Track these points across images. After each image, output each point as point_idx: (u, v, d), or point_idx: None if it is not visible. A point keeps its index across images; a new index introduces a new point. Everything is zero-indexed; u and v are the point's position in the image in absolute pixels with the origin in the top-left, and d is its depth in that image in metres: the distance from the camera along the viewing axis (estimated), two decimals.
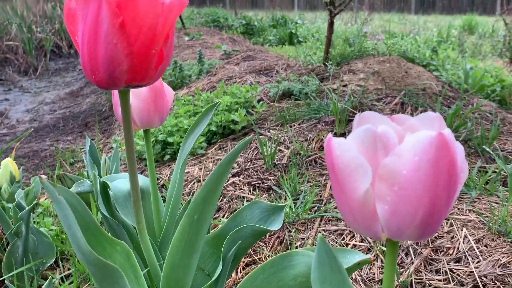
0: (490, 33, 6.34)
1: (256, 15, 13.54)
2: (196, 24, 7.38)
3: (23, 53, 6.27)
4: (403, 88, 1.86)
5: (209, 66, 3.16)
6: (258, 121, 1.73)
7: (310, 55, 2.40)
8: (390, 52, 2.27)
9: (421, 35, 6.83)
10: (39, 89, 5.04)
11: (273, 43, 5.98)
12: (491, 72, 3.38)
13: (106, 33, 0.39)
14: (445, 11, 19.30)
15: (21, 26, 5.85)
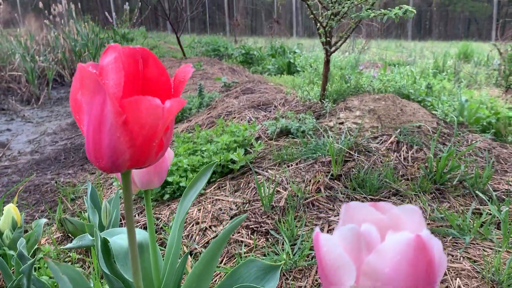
0: (485, 61, 6.44)
1: (256, 42, 13.78)
2: (196, 53, 7.51)
3: (26, 82, 6.37)
4: (398, 126, 1.89)
5: (209, 99, 3.21)
6: (256, 160, 1.76)
7: (308, 90, 2.45)
8: (386, 88, 2.32)
9: (418, 63, 6.95)
10: (41, 119, 5.10)
11: (272, 72, 6.07)
12: (487, 103, 3.43)
13: (110, 127, 0.42)
14: (442, 38, 19.64)
15: (24, 56, 5.95)
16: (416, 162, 1.67)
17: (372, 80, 2.38)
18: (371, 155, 1.60)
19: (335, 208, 1.32)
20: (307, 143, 1.72)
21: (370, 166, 1.52)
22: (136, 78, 0.49)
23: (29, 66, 6.01)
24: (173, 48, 8.76)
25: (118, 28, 12.00)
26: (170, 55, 7.13)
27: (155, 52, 7.37)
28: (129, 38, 9.56)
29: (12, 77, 6.67)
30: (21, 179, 2.96)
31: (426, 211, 1.30)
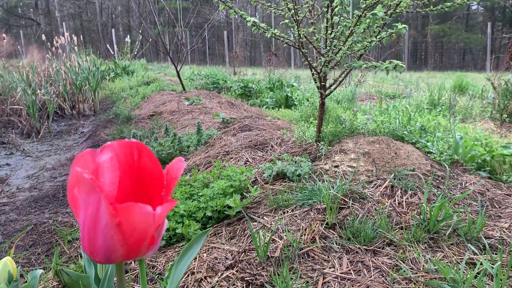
0: (480, 94, 6.54)
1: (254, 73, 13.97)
2: (196, 86, 7.62)
3: (27, 116, 6.44)
4: (392, 170, 1.92)
5: (207, 137, 3.25)
6: (252, 205, 1.77)
7: (303, 131, 2.49)
8: (380, 130, 2.36)
9: (414, 96, 7.05)
10: (41, 153, 5.13)
11: (269, 106, 6.14)
12: (481, 139, 3.47)
13: (105, 226, 0.44)
14: (437, 68, 19.96)
15: (26, 90, 6.03)
16: (410, 207, 1.69)
17: (366, 122, 2.42)
18: (365, 202, 1.62)
19: (330, 259, 1.33)
20: (303, 188, 1.75)
21: (365, 214, 1.53)
22: (132, 168, 0.52)
23: (31, 100, 6.09)
24: (173, 81, 8.89)
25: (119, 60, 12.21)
26: (170, 88, 7.23)
27: (156, 85, 7.48)
28: (130, 71, 9.72)
29: (13, 110, 6.75)
30: (18, 217, 2.97)
31: (420, 263, 1.31)
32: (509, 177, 2.72)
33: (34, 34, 30.39)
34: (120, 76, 9.27)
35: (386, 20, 2.02)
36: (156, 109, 5.58)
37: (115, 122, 5.53)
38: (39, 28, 30.56)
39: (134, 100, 6.73)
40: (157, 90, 7.18)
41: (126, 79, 8.26)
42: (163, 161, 3.02)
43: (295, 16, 1.94)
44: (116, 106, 6.78)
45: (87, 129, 6.29)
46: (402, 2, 2.08)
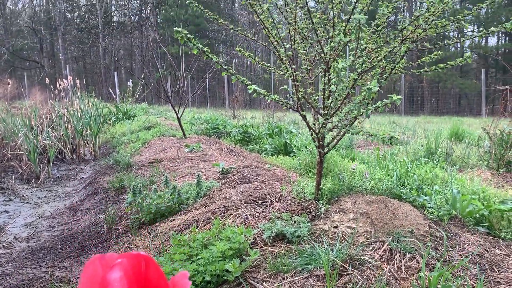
0: (476, 142, 6.62)
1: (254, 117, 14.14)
2: (196, 131, 7.71)
3: (27, 160, 6.47)
4: (391, 231, 1.93)
5: (207, 189, 3.28)
6: (252, 269, 1.78)
7: (302, 186, 2.52)
8: (378, 188, 2.40)
9: (411, 143, 7.14)
10: (40, 199, 5.13)
11: (269, 152, 6.20)
12: (479, 193, 3.50)
13: None
14: (434, 112, 20.26)
15: (28, 135, 6.10)
16: (409, 272, 1.69)
17: (364, 181, 2.46)
18: (365, 268, 1.63)
19: None
20: (302, 252, 1.76)
21: (364, 282, 1.54)
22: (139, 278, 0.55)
23: (32, 146, 6.15)
24: (173, 125, 9.00)
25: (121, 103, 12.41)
26: (170, 134, 7.31)
27: (156, 130, 7.57)
28: (131, 115, 9.86)
29: (13, 155, 6.80)
30: (15, 271, 2.93)
31: None
32: (508, 234, 2.72)
33: (37, 76, 31.00)
34: (122, 120, 9.40)
35: (382, 83, 2.10)
36: (156, 156, 5.63)
37: (115, 168, 5.56)
38: (42, 70, 31.20)
39: (135, 145, 6.79)
40: (158, 136, 7.26)
41: (127, 124, 8.37)
42: (162, 213, 3.03)
43: (294, 82, 2.02)
44: (116, 151, 6.84)
45: (87, 174, 6.31)
46: (397, 65, 2.17)
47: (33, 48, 34.20)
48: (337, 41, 1.75)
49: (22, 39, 31.65)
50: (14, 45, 30.23)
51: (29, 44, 32.71)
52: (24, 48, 33.55)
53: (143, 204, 3.04)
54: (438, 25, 2.15)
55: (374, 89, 1.50)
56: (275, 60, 2.61)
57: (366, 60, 1.95)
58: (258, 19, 1.92)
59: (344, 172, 4.36)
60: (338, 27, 2.05)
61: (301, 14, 2.17)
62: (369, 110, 1.65)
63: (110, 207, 3.79)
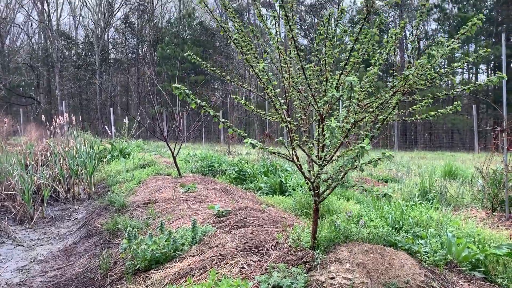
0: (470, 180, 6.67)
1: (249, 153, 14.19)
2: (191, 169, 7.72)
3: (21, 201, 6.42)
4: (387, 282, 1.94)
5: (202, 234, 3.27)
6: None
7: (299, 234, 2.53)
8: (374, 236, 2.41)
9: (405, 181, 7.18)
10: (33, 241, 5.06)
11: (264, 191, 6.21)
12: (474, 235, 3.51)
13: None
14: (427, 148, 20.46)
15: (22, 176, 6.09)
16: None
17: (360, 228, 2.48)
18: None
19: None
20: None
21: None
22: None
23: (26, 186, 6.12)
24: (169, 163, 9.02)
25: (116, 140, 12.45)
26: (165, 172, 7.32)
27: (151, 169, 7.58)
28: (127, 153, 9.89)
29: (7, 195, 6.75)
30: None
31: None
32: (504, 280, 2.72)
33: (33, 112, 31.14)
34: (117, 158, 9.41)
35: (375, 133, 2.16)
36: (151, 196, 5.62)
37: (110, 209, 5.53)
38: (38, 106, 31.38)
39: (130, 185, 6.78)
40: (153, 174, 7.27)
41: (123, 162, 8.38)
42: (157, 260, 3.01)
43: (289, 132, 2.08)
44: (111, 191, 6.82)
45: (81, 215, 6.26)
46: (390, 116, 2.24)
47: (29, 85, 34.53)
48: (330, 96, 1.82)
49: (19, 75, 32.00)
50: (11, 81, 30.52)
51: (26, 81, 33.04)
52: (21, 84, 33.88)
53: (138, 250, 3.02)
54: (428, 76, 2.23)
55: (367, 148, 1.56)
56: (270, 105, 2.68)
57: (358, 111, 2.02)
58: (255, 73, 2.00)
59: (340, 213, 4.37)
60: (331, 80, 2.13)
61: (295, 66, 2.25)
62: (363, 165, 1.70)
63: (105, 252, 3.76)
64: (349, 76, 2.11)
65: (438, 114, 2.64)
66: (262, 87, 2.44)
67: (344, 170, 1.89)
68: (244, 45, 2.26)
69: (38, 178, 7.09)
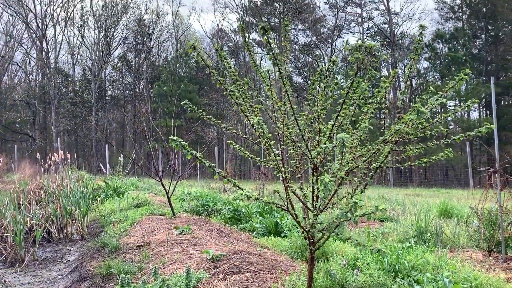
0: (465, 219, 6.66)
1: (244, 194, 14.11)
2: (185, 209, 7.67)
3: (12, 242, 6.31)
4: None
5: (196, 281, 3.23)
6: None
7: (294, 280, 2.50)
8: (370, 284, 2.40)
9: (401, 221, 7.16)
10: (23, 286, 4.95)
11: (259, 232, 6.16)
12: (471, 280, 3.49)
13: None
14: (422, 184, 20.49)
15: (15, 219, 6.02)
16: None
17: (356, 277, 2.46)
18: None
19: None
20: None
21: None
22: None
23: (19, 228, 6.04)
24: (163, 201, 8.96)
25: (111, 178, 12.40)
26: (159, 212, 7.26)
27: (145, 209, 7.53)
28: (121, 192, 9.83)
29: None
30: None
31: None
32: None
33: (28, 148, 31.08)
34: (111, 197, 9.35)
35: (369, 182, 2.19)
36: (145, 238, 5.55)
37: (103, 252, 5.45)
38: (33, 142, 31.36)
39: (123, 225, 6.71)
40: (147, 214, 7.20)
41: (117, 201, 8.32)
42: None
43: (284, 181, 2.10)
44: (105, 231, 6.73)
45: (73, 257, 6.15)
46: (383, 163, 2.28)
47: (25, 121, 34.64)
48: (323, 148, 1.86)
49: (15, 112, 32.14)
50: (7, 118, 30.62)
51: (22, 118, 33.16)
52: (17, 121, 33.97)
53: None
54: (419, 126, 2.29)
55: (359, 203, 1.58)
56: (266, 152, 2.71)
57: (351, 161, 2.05)
58: (251, 125, 2.05)
59: (336, 255, 4.32)
60: (324, 130, 2.17)
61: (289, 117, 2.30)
62: (357, 217, 1.72)
63: None
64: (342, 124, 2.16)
65: (430, 161, 2.69)
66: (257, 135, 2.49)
67: (338, 222, 1.90)
68: (239, 95, 2.32)
69: (30, 218, 7.01)
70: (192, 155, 1.90)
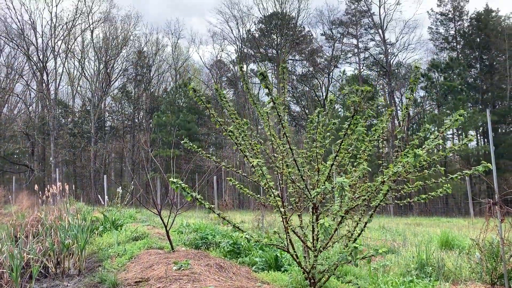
0: (467, 251, 6.60)
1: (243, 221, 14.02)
2: (184, 242, 7.60)
3: (9, 278, 6.21)
4: None
5: None
6: None
7: None
8: None
9: (402, 253, 7.08)
10: None
11: (259, 266, 6.09)
12: None
13: None
14: (423, 213, 20.38)
15: (12, 255, 5.95)
16: None
17: None
18: None
19: None
20: None
21: None
22: None
23: (15, 264, 5.95)
24: (161, 234, 8.88)
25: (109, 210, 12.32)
26: (158, 245, 7.19)
27: (144, 242, 7.46)
28: (119, 224, 9.74)
29: None
30: None
31: None
32: None
33: (26, 179, 30.96)
34: (109, 230, 9.27)
35: (369, 221, 2.19)
36: (143, 274, 5.47)
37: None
38: (32, 173, 31.28)
39: (121, 260, 6.63)
40: (145, 248, 7.13)
41: (115, 234, 8.25)
42: None
43: (284, 222, 2.11)
44: (102, 266, 6.64)
45: None
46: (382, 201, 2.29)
47: (24, 152, 34.66)
48: (322, 189, 1.88)
49: (14, 143, 32.21)
50: (6, 149, 30.65)
51: (21, 149, 33.20)
52: (15, 152, 33.99)
53: None
54: (416, 165, 2.31)
55: (360, 248, 1.59)
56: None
57: (349, 200, 2.06)
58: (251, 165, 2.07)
59: None
60: (323, 169, 2.19)
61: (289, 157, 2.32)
62: (357, 260, 1.72)
63: None
64: (341, 163, 2.18)
65: (429, 197, 2.70)
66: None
67: (338, 263, 1.90)
68: (239, 134, 2.35)
69: (27, 253, 6.91)
70: (192, 197, 1.91)
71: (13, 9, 33.60)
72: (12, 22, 33.53)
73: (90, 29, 36.32)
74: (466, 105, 28.56)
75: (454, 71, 29.48)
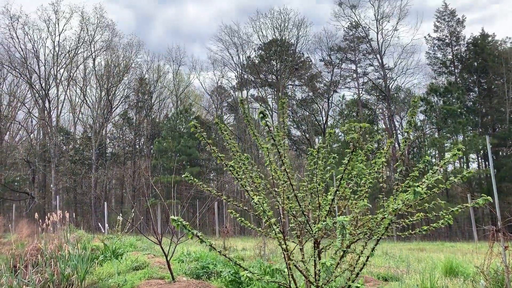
0: (472, 278, 6.51)
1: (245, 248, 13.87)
2: (185, 271, 7.51)
3: None
4: None
5: None
6: None
7: None
8: None
9: (406, 280, 6.98)
10: None
11: None
12: None
13: None
14: (426, 238, 20.16)
15: (11, 287, 5.88)
16: None
17: None
18: None
19: None
20: None
21: None
22: None
23: None
24: (162, 263, 8.78)
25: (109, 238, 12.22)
26: (158, 275, 7.11)
27: (144, 272, 7.37)
28: (119, 253, 9.64)
29: None
30: None
31: None
32: None
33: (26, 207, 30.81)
34: (109, 259, 9.17)
35: (371, 255, 2.18)
36: None
37: None
38: (32, 201, 31.15)
39: None
40: (146, 278, 7.04)
41: (115, 264, 8.16)
42: None
43: (286, 258, 2.10)
44: None
45: None
46: (382, 236, 2.28)
47: (25, 180, 34.60)
48: (323, 225, 1.88)
49: (15, 171, 32.21)
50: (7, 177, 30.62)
51: (22, 176, 33.18)
52: (16, 179, 33.94)
53: None
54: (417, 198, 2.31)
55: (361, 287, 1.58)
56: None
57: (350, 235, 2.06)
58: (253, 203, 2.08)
59: None
60: (324, 204, 2.20)
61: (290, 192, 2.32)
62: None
63: None
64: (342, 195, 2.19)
65: (431, 229, 2.70)
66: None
67: None
68: (239, 169, 2.37)
69: (26, 284, 6.83)
70: (193, 235, 1.91)
71: (16, 39, 34.01)
72: (16, 51, 33.98)
73: (92, 57, 36.85)
74: (466, 128, 28.67)
75: (453, 95, 29.71)
